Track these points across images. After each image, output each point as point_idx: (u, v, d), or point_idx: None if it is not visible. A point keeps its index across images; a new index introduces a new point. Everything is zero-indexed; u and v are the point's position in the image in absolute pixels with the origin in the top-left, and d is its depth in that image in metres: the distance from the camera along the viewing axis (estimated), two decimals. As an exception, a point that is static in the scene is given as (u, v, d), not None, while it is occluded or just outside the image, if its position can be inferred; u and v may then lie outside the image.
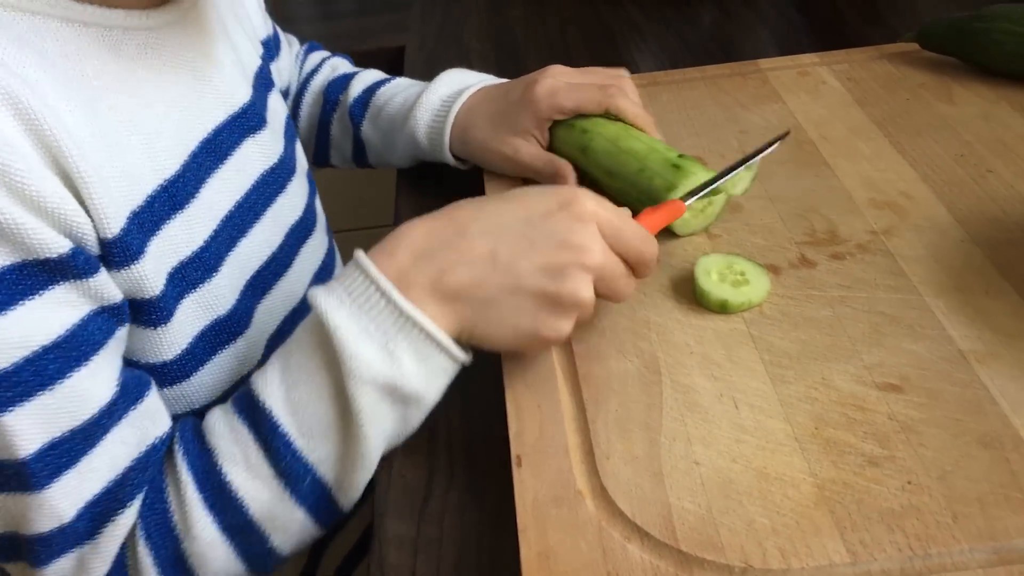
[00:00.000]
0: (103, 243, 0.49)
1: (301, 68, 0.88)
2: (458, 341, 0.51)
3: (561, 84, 0.71)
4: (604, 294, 0.53)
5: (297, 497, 0.50)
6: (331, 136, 0.84)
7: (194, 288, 0.57)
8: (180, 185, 0.56)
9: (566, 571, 0.45)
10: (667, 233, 0.66)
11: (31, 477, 0.46)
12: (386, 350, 0.49)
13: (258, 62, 0.70)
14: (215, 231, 0.58)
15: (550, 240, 0.50)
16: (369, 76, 0.84)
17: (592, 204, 0.52)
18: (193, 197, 0.57)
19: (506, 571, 0.49)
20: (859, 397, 0.52)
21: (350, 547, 0.75)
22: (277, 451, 0.49)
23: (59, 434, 0.47)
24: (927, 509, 0.46)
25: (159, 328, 0.54)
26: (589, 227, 0.51)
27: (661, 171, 0.65)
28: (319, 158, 0.86)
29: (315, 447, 0.50)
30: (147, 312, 0.53)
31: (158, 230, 0.54)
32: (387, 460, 0.56)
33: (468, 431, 0.58)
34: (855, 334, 0.56)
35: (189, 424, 0.53)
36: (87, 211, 0.47)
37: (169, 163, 0.55)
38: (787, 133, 0.71)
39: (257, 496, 0.50)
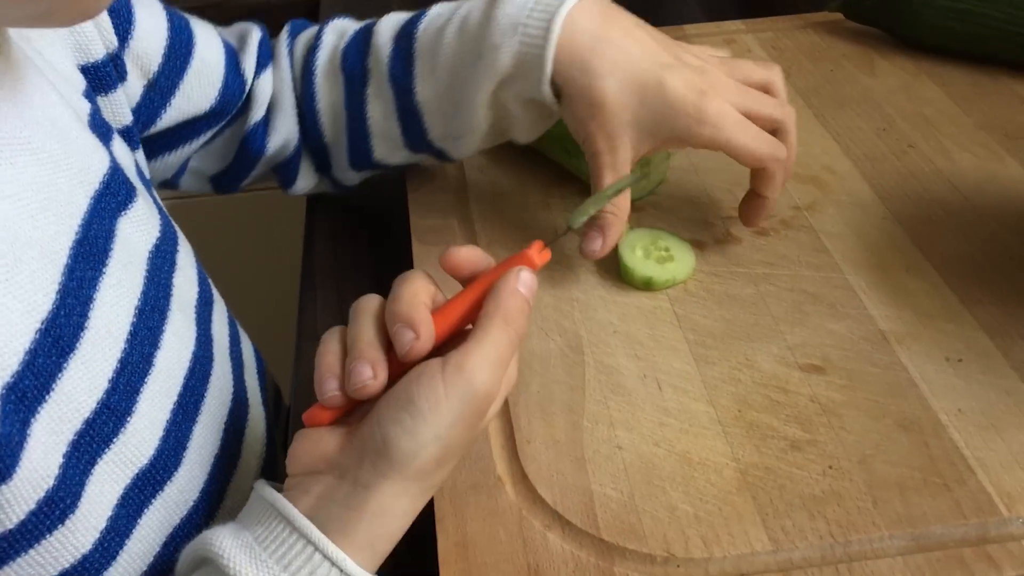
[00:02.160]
0: None
1: (292, 55, 0.64)
2: None
3: (733, 112, 0.55)
4: None
5: None
6: (369, 123, 0.61)
7: (107, 447, 0.42)
8: (63, 319, 0.40)
9: (485, 562, 0.44)
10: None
11: None
12: None
13: (87, 105, 0.49)
14: (121, 361, 0.43)
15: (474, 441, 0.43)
16: (394, 19, 0.61)
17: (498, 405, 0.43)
18: (83, 328, 0.41)
19: (425, 561, 0.47)
20: (782, 379, 0.52)
21: None
22: None
23: None
24: (848, 494, 0.45)
25: (67, 522, 0.40)
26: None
27: None
28: (360, 159, 0.64)
29: None
30: (45, 516, 0.39)
31: (44, 400, 0.39)
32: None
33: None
34: (778, 313, 0.56)
35: None
36: None
37: (41, 292, 0.39)
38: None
39: None
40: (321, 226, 0.72)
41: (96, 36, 0.51)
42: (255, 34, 0.64)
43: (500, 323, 0.41)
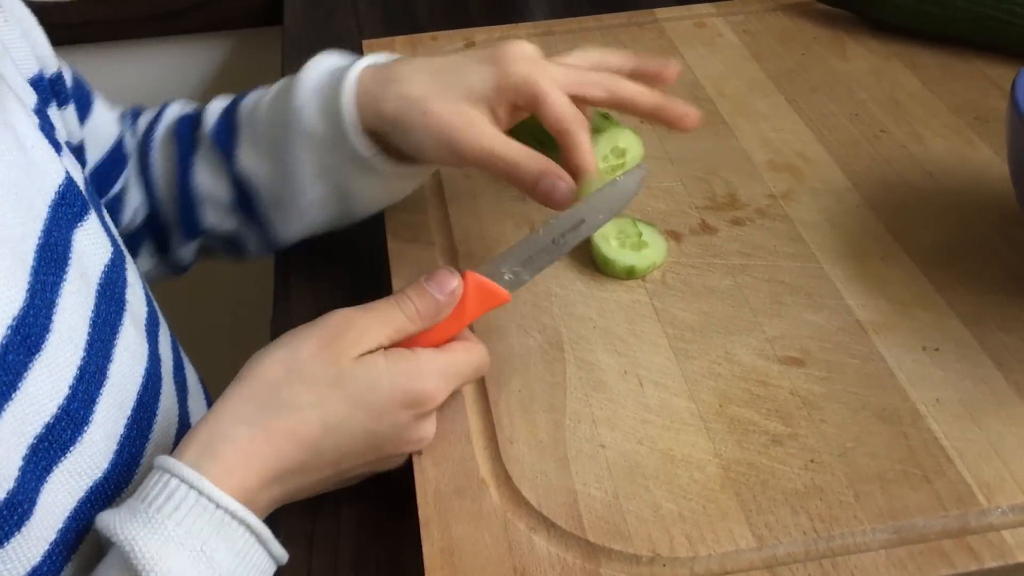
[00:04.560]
0: None
1: (136, 129, 0.66)
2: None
3: (536, 56, 0.54)
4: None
5: None
6: (196, 186, 0.62)
7: (63, 455, 0.42)
8: (31, 319, 0.41)
9: (471, 567, 0.44)
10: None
11: None
12: (201, 556, 0.40)
13: (36, 119, 0.49)
14: (80, 368, 0.44)
15: (393, 441, 0.46)
16: (220, 101, 0.64)
17: (443, 394, 0.47)
18: (48, 331, 0.42)
19: (409, 567, 0.47)
20: (762, 372, 0.52)
21: None
22: None
23: None
24: (830, 488, 0.46)
25: (23, 529, 0.40)
26: (432, 419, 0.48)
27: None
28: (190, 227, 0.64)
29: None
30: (4, 519, 0.39)
31: (14, 392, 0.40)
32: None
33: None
34: (756, 305, 0.56)
35: None
36: None
37: (12, 291, 0.41)
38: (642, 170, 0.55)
39: None
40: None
41: (46, 48, 0.52)
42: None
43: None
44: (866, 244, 0.60)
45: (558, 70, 0.53)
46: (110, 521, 0.40)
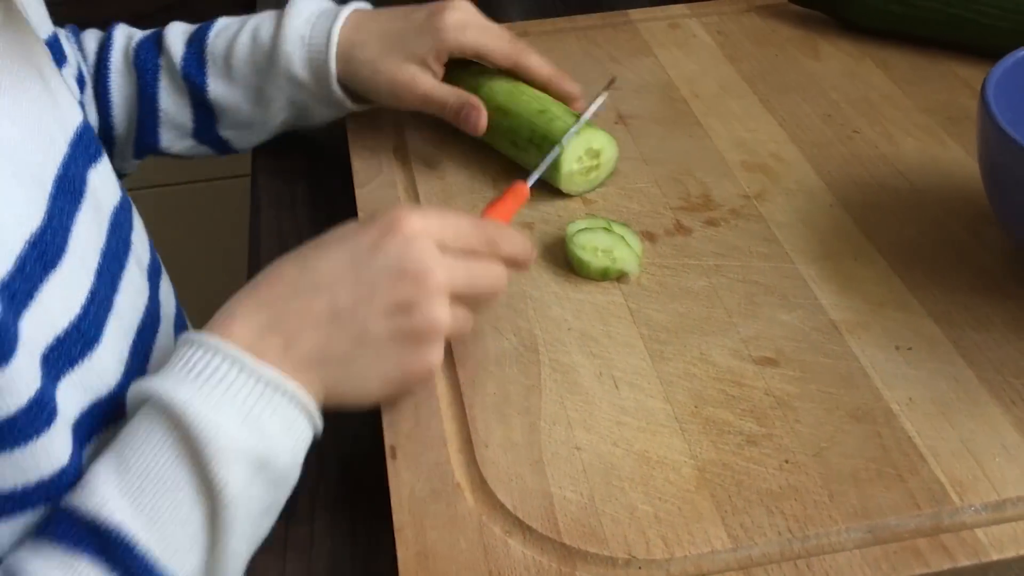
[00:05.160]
0: None
1: (82, 51, 0.70)
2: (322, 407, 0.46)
3: (472, 20, 0.67)
4: (475, 299, 0.49)
5: None
6: (160, 111, 0.69)
7: (72, 368, 0.45)
8: (49, 238, 0.45)
9: (446, 571, 0.43)
10: (551, 192, 0.64)
11: None
12: (249, 420, 0.42)
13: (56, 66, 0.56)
14: (91, 292, 0.48)
15: (385, 275, 0.45)
16: (179, 27, 0.70)
17: (418, 218, 0.46)
18: (63, 251, 0.46)
19: (384, 572, 0.47)
20: (736, 372, 0.52)
21: None
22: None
23: None
24: (804, 488, 0.46)
25: (51, 429, 0.42)
26: (421, 245, 0.46)
27: (562, 115, 0.64)
28: (143, 148, 0.70)
29: (183, 562, 0.41)
30: (19, 426, 0.40)
31: (30, 302, 0.43)
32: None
33: (339, 417, 0.54)
34: (731, 305, 0.56)
35: None
36: None
37: (32, 209, 0.45)
38: (612, 80, 0.70)
39: None
40: (268, 221, 0.70)
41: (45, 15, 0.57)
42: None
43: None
44: (839, 244, 0.60)
45: (479, 34, 0.66)
46: (157, 386, 0.42)
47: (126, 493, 0.40)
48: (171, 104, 0.69)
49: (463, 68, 0.69)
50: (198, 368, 0.42)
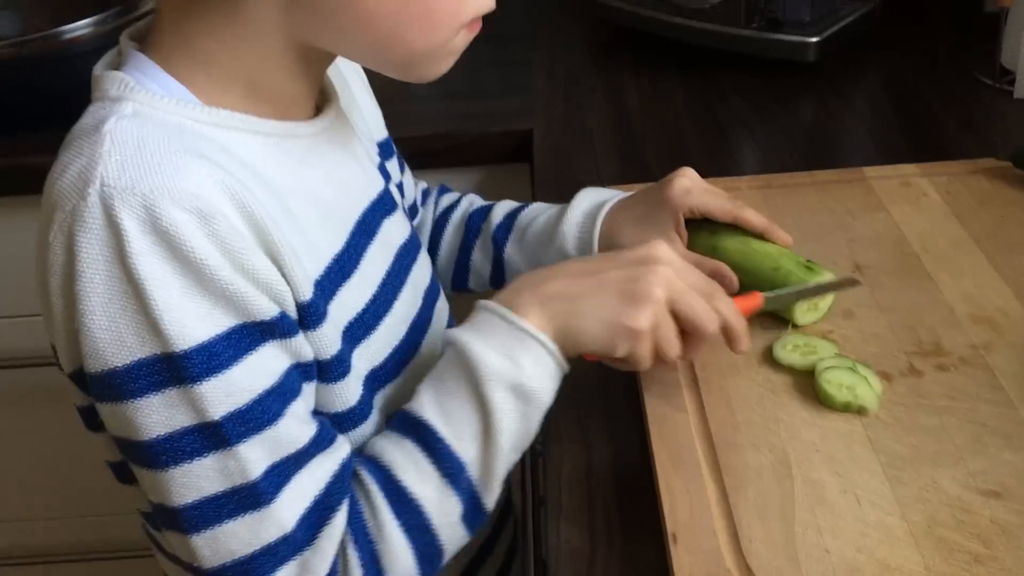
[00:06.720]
0: (299, 307, 0.60)
1: (436, 205, 0.97)
2: (561, 345, 0.64)
3: (695, 185, 0.82)
4: (683, 321, 0.64)
5: (457, 493, 0.61)
6: (472, 261, 0.93)
7: (358, 343, 0.68)
8: (346, 258, 0.68)
9: (721, 638, 0.55)
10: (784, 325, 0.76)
11: (261, 495, 0.58)
12: (508, 357, 0.61)
13: (377, 159, 0.83)
14: (373, 296, 0.70)
15: (627, 261, 0.65)
16: (507, 204, 0.93)
17: (668, 249, 0.66)
18: (356, 268, 0.69)
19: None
20: (965, 501, 0.61)
21: (497, 568, 0.85)
22: (439, 454, 0.61)
23: (278, 459, 0.59)
24: (1026, 605, 0.55)
25: (339, 383, 0.65)
26: (664, 258, 0.65)
27: (795, 270, 0.76)
28: (457, 283, 0.95)
29: (466, 448, 0.61)
30: (329, 370, 0.64)
31: (334, 296, 0.65)
32: (555, 525, 0.66)
33: (621, 507, 0.68)
34: (960, 442, 0.66)
35: (359, 454, 0.65)
36: (287, 280, 0.59)
37: (337, 240, 0.68)
38: (856, 283, 0.77)
39: (428, 495, 0.61)
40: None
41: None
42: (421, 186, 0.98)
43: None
44: (1061, 396, 0.68)
45: (701, 195, 0.82)
46: (454, 334, 0.63)
47: (434, 401, 0.62)
48: (479, 258, 0.93)
49: (697, 228, 0.82)
50: (479, 321, 0.64)
